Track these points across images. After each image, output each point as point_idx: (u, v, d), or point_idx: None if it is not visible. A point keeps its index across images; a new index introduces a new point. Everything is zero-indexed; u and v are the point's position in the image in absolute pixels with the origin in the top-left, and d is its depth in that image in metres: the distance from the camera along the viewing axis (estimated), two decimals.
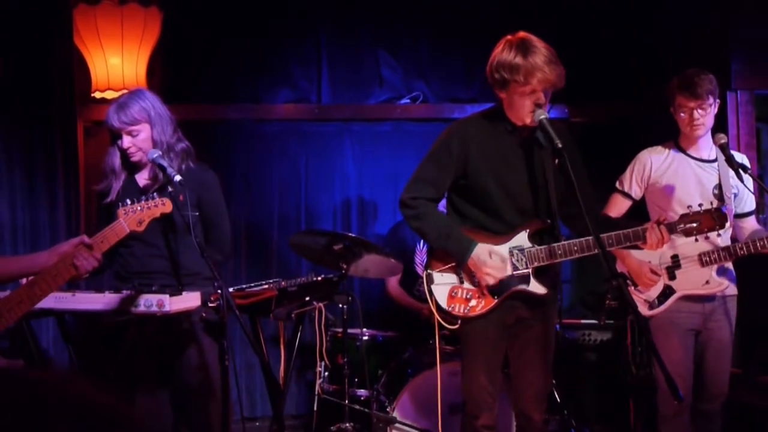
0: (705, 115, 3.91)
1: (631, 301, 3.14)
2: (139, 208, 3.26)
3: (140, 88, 3.75)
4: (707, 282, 3.95)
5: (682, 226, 3.41)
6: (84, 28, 5.42)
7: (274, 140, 6.08)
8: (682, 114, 3.94)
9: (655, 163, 4.08)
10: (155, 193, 3.37)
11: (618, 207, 4.19)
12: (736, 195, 4.02)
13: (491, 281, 3.39)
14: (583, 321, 5.46)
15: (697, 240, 3.77)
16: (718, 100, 3.95)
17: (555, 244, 3.40)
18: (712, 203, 3.63)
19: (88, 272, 3.09)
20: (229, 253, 3.98)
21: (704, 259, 3.94)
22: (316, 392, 4.83)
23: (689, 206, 3.47)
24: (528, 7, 5.99)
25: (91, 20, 5.40)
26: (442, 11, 6.12)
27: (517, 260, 3.42)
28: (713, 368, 4.03)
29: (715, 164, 4.00)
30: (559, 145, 3.18)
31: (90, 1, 5.40)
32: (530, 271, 3.42)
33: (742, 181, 3.85)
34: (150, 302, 3.30)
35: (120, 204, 3.30)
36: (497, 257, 3.38)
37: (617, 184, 4.20)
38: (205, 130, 5.68)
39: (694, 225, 3.41)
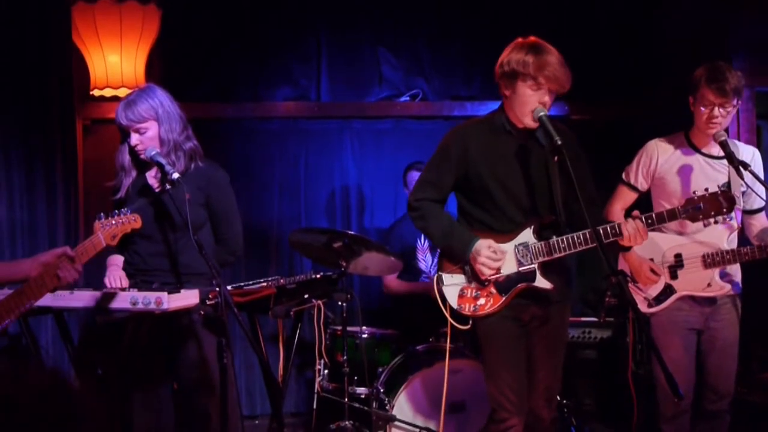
0: (725, 115, 3.78)
1: (631, 299, 3.12)
2: (113, 222, 3.31)
3: (151, 85, 3.72)
4: (709, 285, 3.88)
5: (686, 211, 3.34)
6: (83, 26, 5.42)
7: (273, 138, 6.07)
8: (702, 108, 3.79)
9: (662, 156, 3.98)
10: (127, 209, 3.38)
11: (623, 199, 4.10)
12: (744, 192, 3.91)
13: (486, 272, 3.40)
14: (583, 318, 5.45)
15: (705, 225, 3.67)
16: (739, 102, 3.82)
17: (556, 238, 3.40)
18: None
19: (69, 283, 3.16)
20: (240, 254, 3.91)
21: (708, 261, 3.86)
22: (316, 390, 4.83)
23: (694, 191, 3.39)
24: (530, 4, 5.97)
25: (89, 18, 5.40)
26: (442, 9, 6.11)
27: (522, 256, 3.44)
28: (718, 367, 3.95)
29: (725, 161, 3.83)
30: (559, 142, 3.19)
31: None
32: (536, 266, 3.43)
33: (741, 177, 3.74)
34: (148, 300, 3.30)
35: (97, 218, 3.32)
36: (497, 251, 3.39)
37: (623, 175, 4.11)
38: (204, 129, 5.62)
39: (700, 208, 3.32)
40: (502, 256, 3.41)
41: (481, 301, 3.48)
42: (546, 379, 3.57)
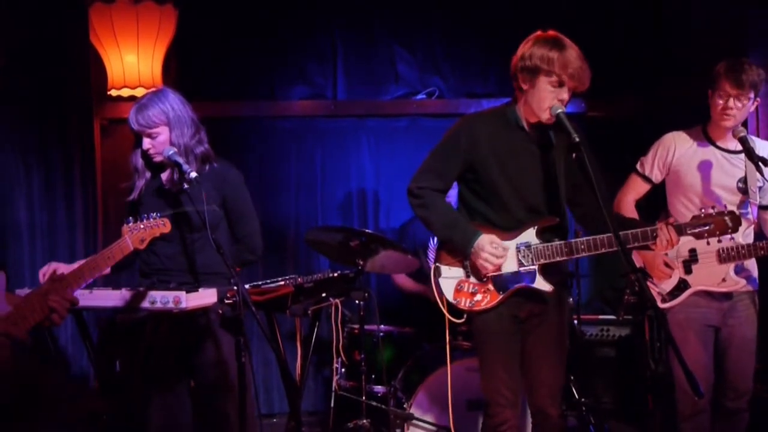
0: (741, 108, 3.79)
1: (649, 296, 3.10)
2: (142, 226, 3.31)
3: (163, 88, 3.73)
4: (724, 279, 3.86)
5: (692, 228, 3.33)
6: (100, 27, 5.45)
7: (290, 137, 6.09)
8: (719, 99, 3.81)
9: (679, 149, 3.97)
10: (158, 213, 3.38)
11: (636, 189, 4.10)
12: (761, 188, 3.89)
13: (488, 267, 3.38)
14: (601, 316, 5.43)
15: (708, 243, 3.69)
16: (758, 100, 3.84)
17: (562, 242, 3.38)
18: (728, 200, 3.52)
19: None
20: (260, 253, 3.89)
21: (722, 255, 3.85)
22: (333, 389, 4.84)
23: (702, 209, 3.40)
24: (544, 1, 5.95)
25: (106, 18, 5.43)
26: (458, 6, 6.10)
27: (524, 256, 3.40)
28: (737, 365, 3.93)
29: (742, 155, 3.84)
30: (577, 139, 3.16)
31: (106, 0, 5.42)
32: (536, 267, 3.40)
33: (762, 174, 3.74)
34: (166, 299, 3.32)
35: (125, 221, 3.33)
36: (499, 247, 3.37)
37: (638, 166, 4.10)
38: (221, 128, 5.67)
39: (706, 228, 3.32)
40: (504, 252, 3.37)
41: (478, 297, 3.45)
42: (549, 377, 3.54)
